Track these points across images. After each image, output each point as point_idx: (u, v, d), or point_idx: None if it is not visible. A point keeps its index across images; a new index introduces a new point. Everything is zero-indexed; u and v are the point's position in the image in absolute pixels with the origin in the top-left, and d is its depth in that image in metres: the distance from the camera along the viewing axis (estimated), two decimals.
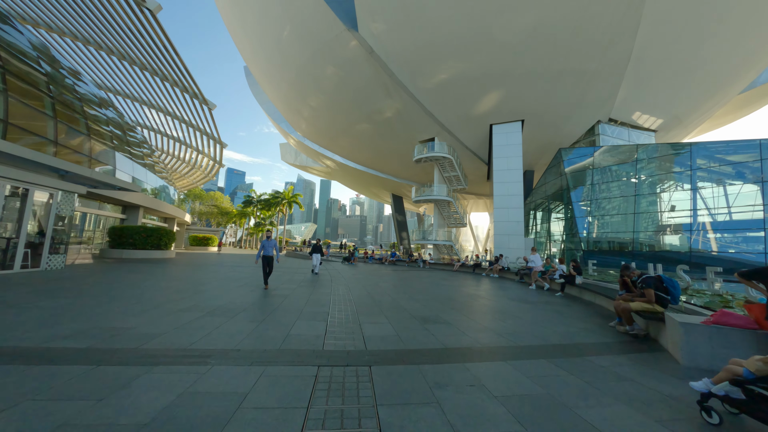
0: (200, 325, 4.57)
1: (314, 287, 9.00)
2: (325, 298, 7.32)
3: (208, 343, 3.79)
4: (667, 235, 16.37)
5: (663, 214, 16.52)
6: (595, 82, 19.61)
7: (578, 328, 5.32)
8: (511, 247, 20.88)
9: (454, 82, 20.39)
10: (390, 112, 23.78)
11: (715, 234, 15.37)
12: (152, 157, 24.94)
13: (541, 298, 8.45)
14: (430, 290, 9.43)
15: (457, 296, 8.46)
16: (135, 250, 15.86)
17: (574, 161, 20.12)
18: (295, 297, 7.23)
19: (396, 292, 8.66)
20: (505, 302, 7.68)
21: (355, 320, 5.27)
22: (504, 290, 10.03)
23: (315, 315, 5.53)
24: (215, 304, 5.95)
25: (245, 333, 4.27)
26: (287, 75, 25.07)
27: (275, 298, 6.92)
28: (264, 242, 8.45)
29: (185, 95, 22.44)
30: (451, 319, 5.60)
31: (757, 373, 2.34)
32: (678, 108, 22.49)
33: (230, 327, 4.53)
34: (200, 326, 4.49)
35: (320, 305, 6.42)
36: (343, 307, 6.30)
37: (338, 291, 8.48)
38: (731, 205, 15.21)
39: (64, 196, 10.00)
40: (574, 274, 8.75)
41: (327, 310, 5.94)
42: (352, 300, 7.19)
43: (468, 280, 12.58)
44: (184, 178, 38.91)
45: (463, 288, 10.34)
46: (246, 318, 5.07)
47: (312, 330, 4.58)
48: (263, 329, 4.50)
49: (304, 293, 7.85)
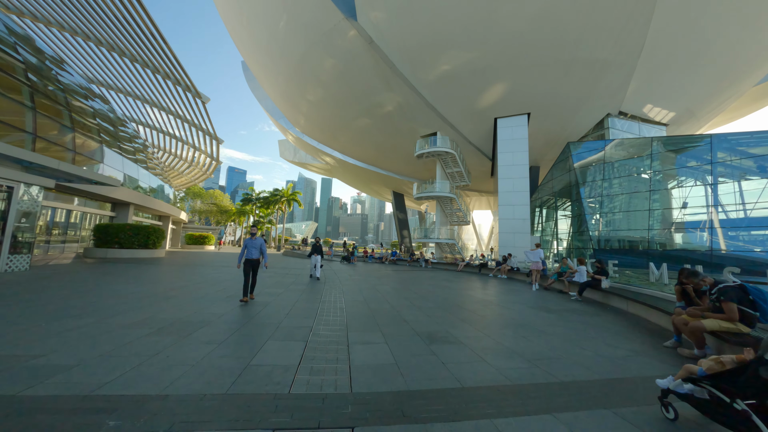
0: (136, 349, 3.41)
1: (303, 293, 7.83)
2: (312, 306, 6.15)
3: (126, 384, 2.62)
4: (684, 233, 15.12)
5: (680, 210, 15.27)
6: (606, 72, 18.34)
7: (626, 350, 4.12)
8: (516, 246, 19.66)
9: (457, 73, 19.15)
10: (390, 105, 22.57)
11: (737, 232, 14.12)
12: (145, 152, 23.83)
13: (562, 305, 7.26)
14: (434, 295, 8.25)
15: (466, 302, 7.28)
16: (121, 249, 14.75)
17: (584, 156, 18.87)
18: (277, 305, 6.06)
19: (396, 298, 7.49)
20: (523, 310, 6.50)
21: (343, 339, 4.10)
22: (516, 294, 8.85)
23: (294, 332, 4.35)
24: (174, 317, 4.79)
25: (190, 363, 3.10)
26: (284, 68, 23.90)
27: (252, 308, 5.75)
28: (247, 241, 6.56)
29: (177, 88, 21.30)
30: (463, 336, 4.42)
31: (708, 371, 2.35)
32: (691, 100, 21.19)
33: (175, 353, 3.37)
34: (135, 352, 3.33)
35: (304, 317, 5.25)
36: (332, 320, 5.13)
37: (330, 297, 7.31)
38: (755, 201, 13.96)
39: (27, 190, 8.86)
40: (600, 277, 7.56)
41: (311, 324, 4.77)
42: (345, 309, 6.02)
43: (474, 282, 11.39)
44: (182, 176, 37.87)
45: (471, 291, 9.16)
46: (203, 337, 3.91)
47: (283, 356, 3.41)
48: (217, 356, 3.33)
49: (289, 300, 6.68)
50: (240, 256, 6.50)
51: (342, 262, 20.11)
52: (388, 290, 8.74)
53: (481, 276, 13.69)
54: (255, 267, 6.50)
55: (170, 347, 3.52)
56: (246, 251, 6.50)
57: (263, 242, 6.62)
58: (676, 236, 15.23)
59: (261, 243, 6.62)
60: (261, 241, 6.64)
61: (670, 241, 15.30)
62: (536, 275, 9.63)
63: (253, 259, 6.48)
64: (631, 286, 7.79)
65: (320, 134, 29.48)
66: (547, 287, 9.54)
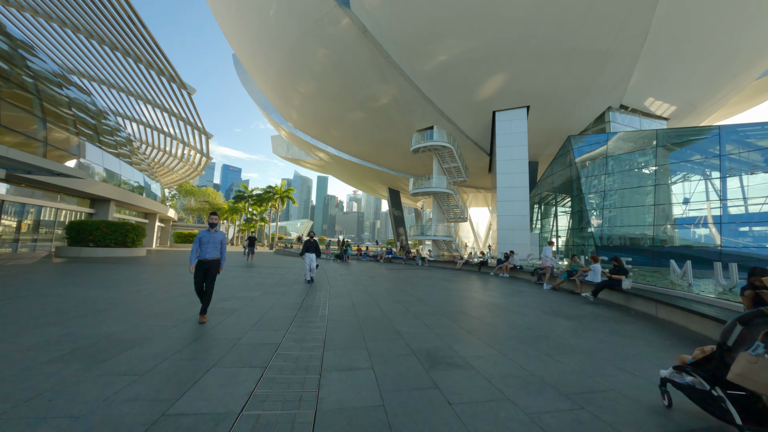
0: (14, 387, 2.34)
1: (283, 296, 6.76)
2: (287, 314, 5.09)
3: None
4: (691, 229, 14.29)
5: (686, 205, 14.44)
6: (607, 63, 17.44)
7: None
8: (515, 243, 18.76)
9: (454, 64, 18.13)
10: (385, 98, 21.50)
11: (748, 228, 13.30)
12: (130, 146, 22.51)
13: (579, 309, 6.28)
14: (432, 297, 7.23)
15: (469, 307, 6.28)
16: (97, 248, 13.55)
17: (585, 150, 18.00)
18: (246, 314, 4.98)
19: (389, 302, 6.46)
20: (537, 317, 5.50)
21: (316, 363, 3.07)
22: (524, 295, 7.85)
23: (253, 353, 3.29)
24: (103, 333, 3.70)
25: (75, 413, 2.02)
26: (276, 60, 22.69)
27: (213, 316, 4.67)
28: (203, 235, 4.64)
29: (162, 79, 20.02)
30: (472, 355, 3.41)
31: (693, 359, 2.38)
32: (693, 94, 20.41)
33: (66, 392, 2.28)
34: (5, 393, 2.27)
35: (273, 329, 4.18)
36: (309, 332, 4.09)
37: (313, 301, 6.27)
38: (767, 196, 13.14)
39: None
40: (619, 277, 6.60)
41: (279, 340, 3.72)
42: (327, 316, 4.98)
43: (475, 282, 10.40)
44: (173, 173, 36.49)
45: (473, 293, 8.16)
46: (123, 365, 2.83)
47: (224, 395, 2.35)
48: (125, 398, 2.25)
49: (263, 306, 5.61)
50: (192, 254, 4.53)
51: (335, 260, 19.04)
52: (380, 292, 7.70)
53: (481, 275, 12.71)
54: (211, 272, 4.52)
55: (66, 382, 2.45)
56: (200, 249, 4.58)
57: (224, 237, 4.87)
58: (681, 232, 14.40)
59: (221, 238, 4.76)
60: (222, 235, 4.79)
61: (676, 237, 14.46)
62: (547, 273, 8.68)
63: (210, 259, 4.55)
64: (655, 287, 6.83)
65: (313, 129, 28.31)
66: (556, 287, 8.59)
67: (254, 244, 14.85)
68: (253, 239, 15.00)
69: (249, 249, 14.65)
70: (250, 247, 14.74)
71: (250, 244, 14.85)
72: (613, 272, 6.88)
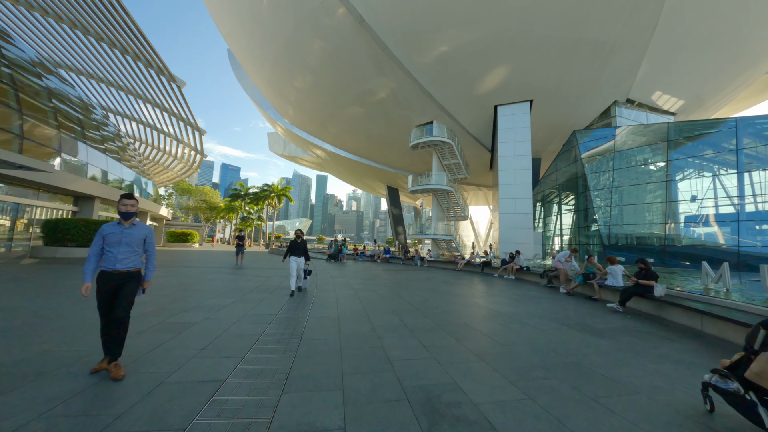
0: None
1: (257, 305, 5.72)
2: (253, 331, 4.04)
3: None
4: (706, 227, 13.30)
5: (700, 202, 13.44)
6: (615, 54, 16.42)
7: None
8: (518, 242, 17.77)
9: (455, 56, 17.10)
10: (383, 92, 20.47)
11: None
12: (119, 142, 21.46)
13: (607, 321, 5.21)
14: (432, 305, 6.20)
15: (477, 318, 5.26)
16: (75, 247, 12.52)
17: (592, 145, 16.99)
18: (199, 330, 3.95)
19: (381, 312, 5.43)
20: (561, 332, 4.46)
21: (262, 418, 2.06)
22: (538, 302, 6.80)
23: (176, 399, 2.25)
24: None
25: None
26: (270, 53, 21.66)
27: (157, 335, 3.65)
28: (110, 231, 2.74)
29: (150, 71, 18.98)
30: (487, 402, 2.40)
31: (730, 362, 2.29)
32: (701, 87, 19.41)
33: None
34: None
35: (225, 354, 3.14)
36: (269, 361, 3.07)
37: (291, 312, 5.25)
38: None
39: None
40: (650, 283, 5.59)
41: (224, 377, 2.71)
42: (302, 335, 3.96)
43: (479, 285, 9.40)
44: (168, 171, 35.47)
45: (479, 299, 7.13)
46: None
47: None
48: None
49: (226, 320, 4.55)
50: (88, 263, 2.69)
51: (328, 260, 18.00)
52: (373, 299, 6.66)
53: (484, 276, 11.69)
54: (125, 291, 2.69)
55: None
56: (106, 253, 2.72)
57: (150, 234, 2.95)
58: (694, 231, 13.40)
59: (144, 235, 2.88)
60: (144, 231, 2.88)
61: (690, 235, 13.46)
62: (564, 277, 7.67)
63: (122, 271, 2.71)
64: (686, 293, 5.82)
65: (310, 125, 27.26)
66: (571, 292, 7.58)
67: (243, 244, 13.45)
68: (242, 237, 13.61)
69: (238, 249, 13.17)
70: (238, 247, 13.22)
71: (240, 244, 13.31)
72: (640, 276, 5.87)
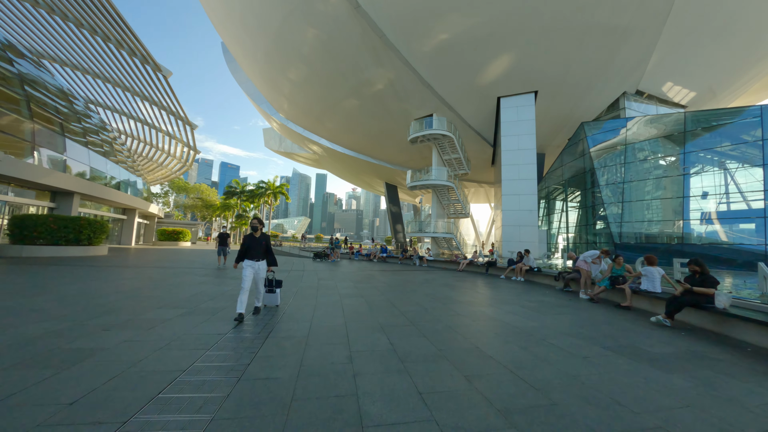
0: None
1: (208, 319, 4.53)
2: (171, 366, 2.91)
3: None
4: (727, 225, 12.31)
5: (721, 197, 12.44)
6: (625, 41, 15.36)
7: None
8: (522, 241, 16.78)
9: (456, 43, 16.00)
10: (381, 83, 19.37)
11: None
12: (103, 134, 20.28)
13: (664, 343, 4.04)
14: (432, 319, 4.97)
15: (490, 339, 4.16)
16: (44, 246, 11.44)
17: (601, 138, 15.96)
18: (86, 369, 2.87)
19: (366, 331, 4.23)
20: (610, 363, 3.33)
21: None
22: (560, 312, 5.67)
23: None
24: None
25: None
26: (262, 42, 20.50)
27: (13, 373, 2.63)
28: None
29: (135, 61, 17.82)
30: None
31: None
32: (714, 78, 18.38)
33: None
34: None
35: (94, 419, 2.10)
36: (171, 424, 2.06)
37: (247, 329, 4.19)
38: None
39: None
40: (709, 291, 4.50)
41: None
42: (244, 371, 2.87)
43: (486, 289, 8.38)
44: (162, 168, 34.34)
45: (488, 308, 6.02)
46: None
47: None
48: None
49: (150, 343, 3.44)
50: None
51: (314, 260, 16.59)
52: (359, 309, 5.48)
53: (489, 278, 10.66)
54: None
55: None
56: None
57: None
58: (716, 229, 12.41)
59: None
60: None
61: (712, 233, 12.46)
62: (586, 280, 6.64)
63: None
64: (742, 300, 4.80)
65: (305, 120, 26.13)
66: (595, 298, 6.56)
67: (227, 243, 11.64)
68: (225, 236, 11.85)
69: (220, 249, 11.43)
70: (221, 247, 11.45)
71: (222, 243, 11.53)
72: (694, 282, 4.76)
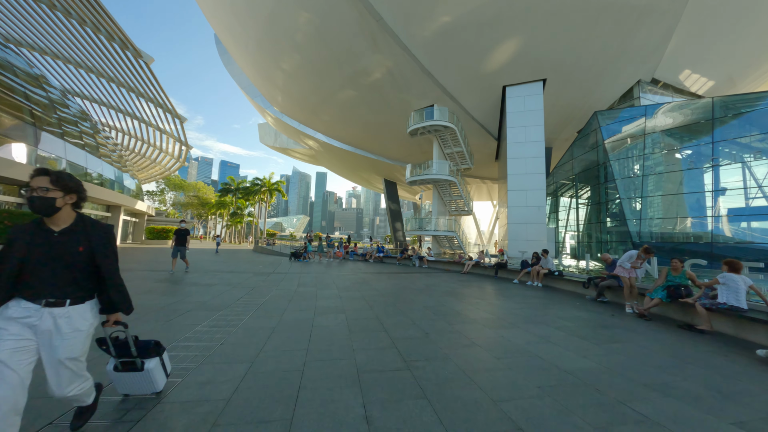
0: None
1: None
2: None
3: None
4: (763, 222, 10.93)
5: (756, 191, 11.06)
6: (643, 24, 13.96)
7: None
8: (529, 240, 15.43)
9: (458, 27, 14.58)
10: (378, 72, 17.96)
11: None
12: (83, 124, 18.84)
13: None
14: (435, 354, 3.24)
15: (532, 393, 2.61)
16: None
17: (616, 128, 14.55)
18: None
19: (334, 381, 2.53)
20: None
21: None
22: (624, 342, 3.91)
23: None
24: None
25: None
26: (253, 30, 19.09)
27: None
28: None
29: (114, 46, 16.38)
30: None
31: None
32: (735, 66, 16.99)
33: None
34: None
35: None
36: None
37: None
38: None
39: None
40: None
41: None
42: None
43: (500, 298, 6.96)
44: (156, 165, 32.97)
45: (513, 331, 4.19)
46: None
47: None
48: None
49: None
50: None
51: (292, 260, 14.85)
52: (332, 338, 3.66)
53: (499, 282, 9.26)
54: None
55: None
56: None
57: None
58: (751, 226, 11.02)
59: None
60: None
61: (745, 232, 11.08)
62: (631, 290, 5.20)
63: None
64: None
65: (300, 113, 24.72)
66: (645, 313, 5.16)
67: (186, 242, 9.00)
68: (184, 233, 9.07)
69: (176, 249, 8.86)
70: (177, 247, 8.85)
71: (179, 242, 8.86)
72: None
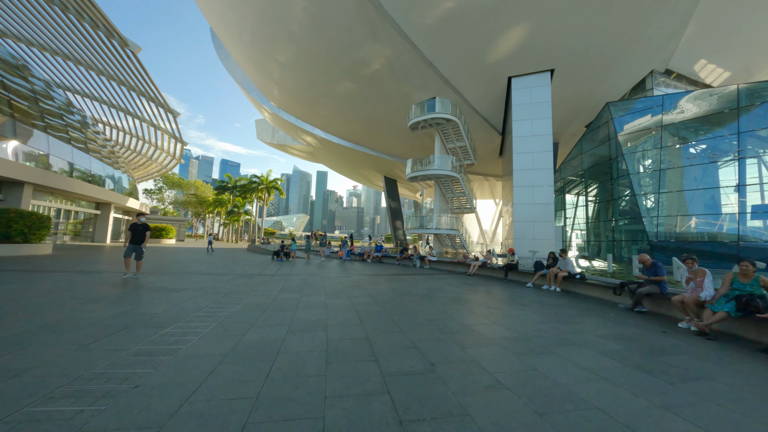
0: None
1: None
2: None
3: None
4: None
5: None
6: (659, 10, 13.00)
7: None
8: (536, 238, 14.54)
9: (462, 14, 13.63)
10: (378, 63, 17.00)
11: None
12: (68, 117, 17.91)
13: None
14: (444, 401, 2.04)
15: None
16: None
17: (630, 119, 13.60)
18: None
19: None
20: None
21: None
22: (695, 375, 2.61)
23: None
24: None
25: None
26: (247, 19, 18.13)
27: None
28: None
29: (99, 34, 15.42)
30: None
31: None
32: (752, 56, 16.03)
33: None
34: None
35: None
36: None
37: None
38: None
39: None
40: None
41: None
42: None
43: (517, 307, 5.94)
44: (152, 162, 32.09)
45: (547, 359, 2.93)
46: None
47: None
48: None
49: None
50: None
51: (275, 259, 13.77)
52: (301, 372, 2.52)
53: (510, 286, 8.32)
54: None
55: None
56: None
57: None
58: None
59: None
60: None
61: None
62: (693, 305, 4.21)
63: None
64: None
65: (297, 107, 23.77)
66: (706, 331, 4.02)
67: (144, 240, 7.39)
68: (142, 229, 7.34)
69: (130, 248, 7.22)
70: (131, 246, 7.22)
71: (135, 240, 7.24)
72: None
